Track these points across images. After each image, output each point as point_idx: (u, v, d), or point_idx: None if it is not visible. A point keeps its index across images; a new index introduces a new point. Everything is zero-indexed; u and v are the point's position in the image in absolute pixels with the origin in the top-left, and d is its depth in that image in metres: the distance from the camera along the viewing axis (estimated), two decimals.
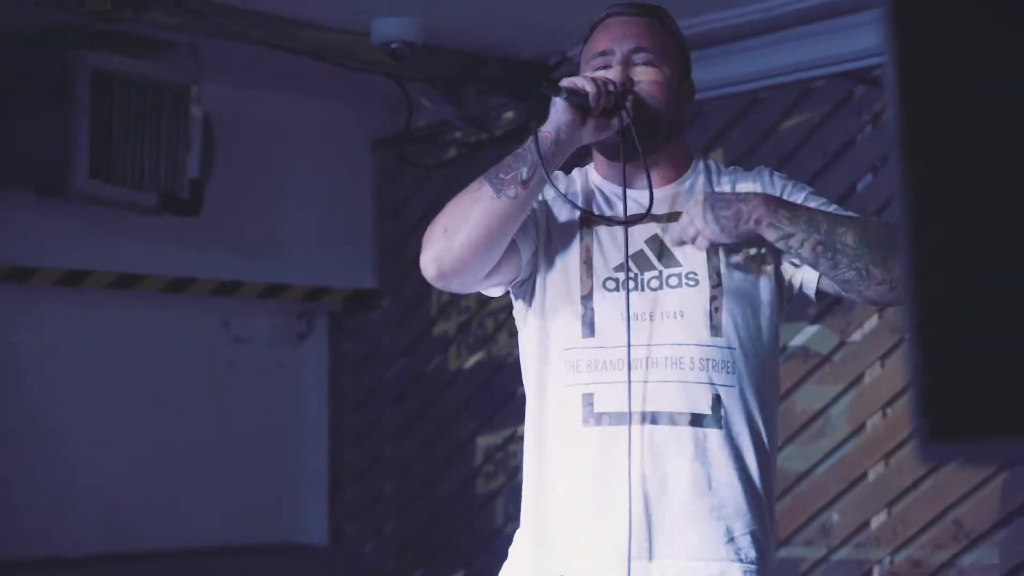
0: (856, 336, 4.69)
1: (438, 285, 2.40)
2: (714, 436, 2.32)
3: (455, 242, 2.29)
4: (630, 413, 2.30)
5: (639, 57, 2.42)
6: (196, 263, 5.47)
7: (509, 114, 5.62)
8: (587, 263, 2.39)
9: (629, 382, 2.30)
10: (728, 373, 2.33)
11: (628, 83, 2.38)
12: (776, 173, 2.48)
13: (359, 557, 5.91)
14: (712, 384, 2.33)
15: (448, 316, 5.90)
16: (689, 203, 2.31)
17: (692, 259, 2.36)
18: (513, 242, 2.38)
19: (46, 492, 5.13)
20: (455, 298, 5.85)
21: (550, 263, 2.42)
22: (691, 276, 2.35)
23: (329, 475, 5.95)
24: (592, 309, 2.36)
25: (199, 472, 5.48)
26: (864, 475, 4.63)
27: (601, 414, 2.33)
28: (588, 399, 2.34)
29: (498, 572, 2.49)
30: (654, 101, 2.40)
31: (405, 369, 5.89)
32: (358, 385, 5.98)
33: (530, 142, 2.32)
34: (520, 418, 5.79)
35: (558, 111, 2.33)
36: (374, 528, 5.93)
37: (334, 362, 5.97)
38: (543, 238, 2.44)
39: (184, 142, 4.92)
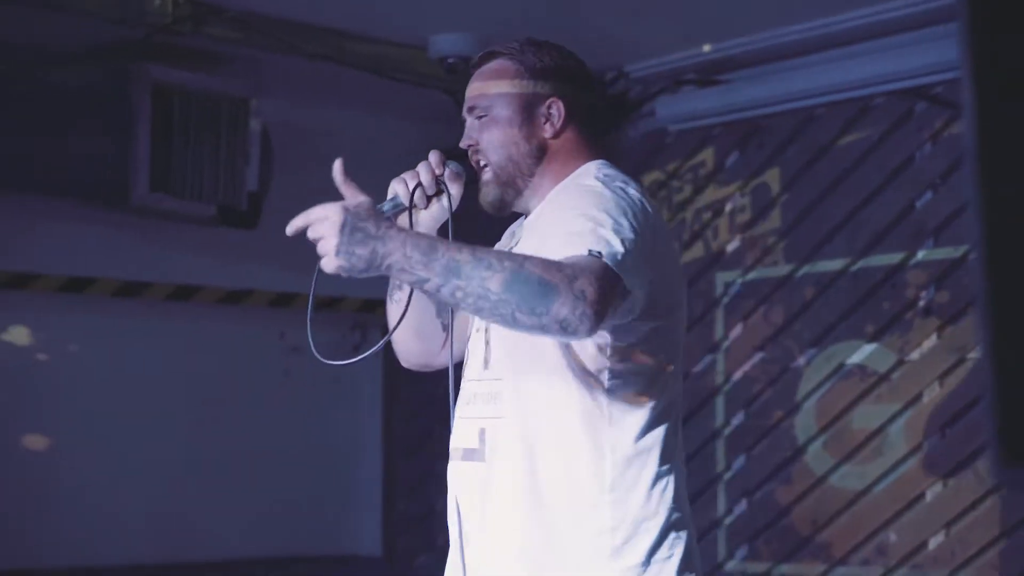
0: (914, 355, 4.65)
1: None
2: (478, 471, 2.32)
3: (395, 343, 2.65)
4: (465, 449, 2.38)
5: (474, 114, 2.44)
6: (253, 275, 5.49)
7: None
8: None
9: (452, 417, 2.39)
10: (495, 405, 2.31)
11: (473, 142, 2.41)
12: (582, 182, 2.32)
13: (411, 570, 5.91)
14: (478, 418, 2.34)
15: None
16: (335, 209, 2.19)
17: None
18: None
19: (95, 500, 5.16)
20: None
21: None
22: None
23: (383, 487, 5.95)
24: (467, 349, 2.45)
25: (254, 482, 5.50)
26: (922, 495, 4.59)
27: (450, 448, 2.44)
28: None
29: None
30: (493, 153, 2.40)
31: None
32: (412, 398, 5.98)
33: None
34: None
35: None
36: (426, 541, 5.93)
37: (388, 374, 5.98)
38: None
39: (243, 155, 4.95)
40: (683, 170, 5.38)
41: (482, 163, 2.41)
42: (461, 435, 2.36)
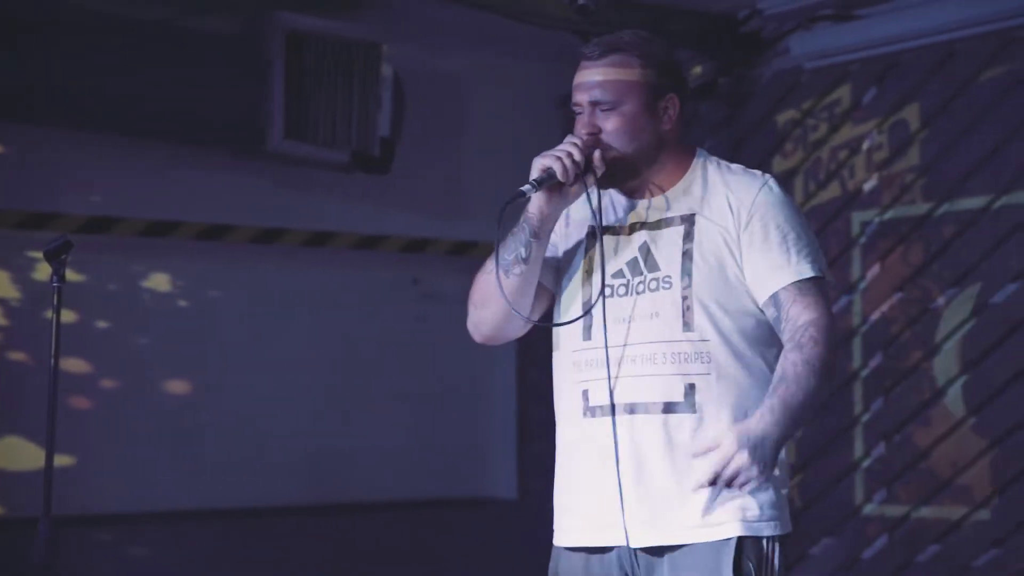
0: None
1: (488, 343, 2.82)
2: (687, 421, 2.55)
3: (484, 317, 2.73)
4: (612, 406, 2.60)
5: (600, 107, 2.60)
6: (386, 220, 5.52)
7: (697, 69, 5.54)
8: (588, 272, 2.66)
9: (609, 378, 2.61)
10: (704, 363, 2.56)
11: (596, 131, 2.59)
12: (772, 187, 2.59)
13: (546, 512, 5.93)
14: (684, 375, 2.56)
15: None
16: (726, 445, 2.46)
17: (669, 264, 2.60)
18: (541, 284, 2.69)
19: (242, 445, 5.26)
20: None
21: (561, 276, 2.73)
22: (666, 279, 2.59)
23: (517, 430, 5.98)
24: (591, 315, 2.64)
25: (389, 426, 5.55)
26: None
27: (595, 407, 2.66)
28: (585, 395, 2.67)
29: None
30: (620, 143, 2.59)
31: None
32: (544, 341, 5.98)
33: (522, 222, 2.62)
34: None
35: (536, 196, 2.60)
36: None
37: None
38: (558, 259, 2.73)
39: (375, 100, 4.97)
40: (818, 108, 5.29)
41: (601, 148, 2.59)
42: (652, 390, 2.57)
